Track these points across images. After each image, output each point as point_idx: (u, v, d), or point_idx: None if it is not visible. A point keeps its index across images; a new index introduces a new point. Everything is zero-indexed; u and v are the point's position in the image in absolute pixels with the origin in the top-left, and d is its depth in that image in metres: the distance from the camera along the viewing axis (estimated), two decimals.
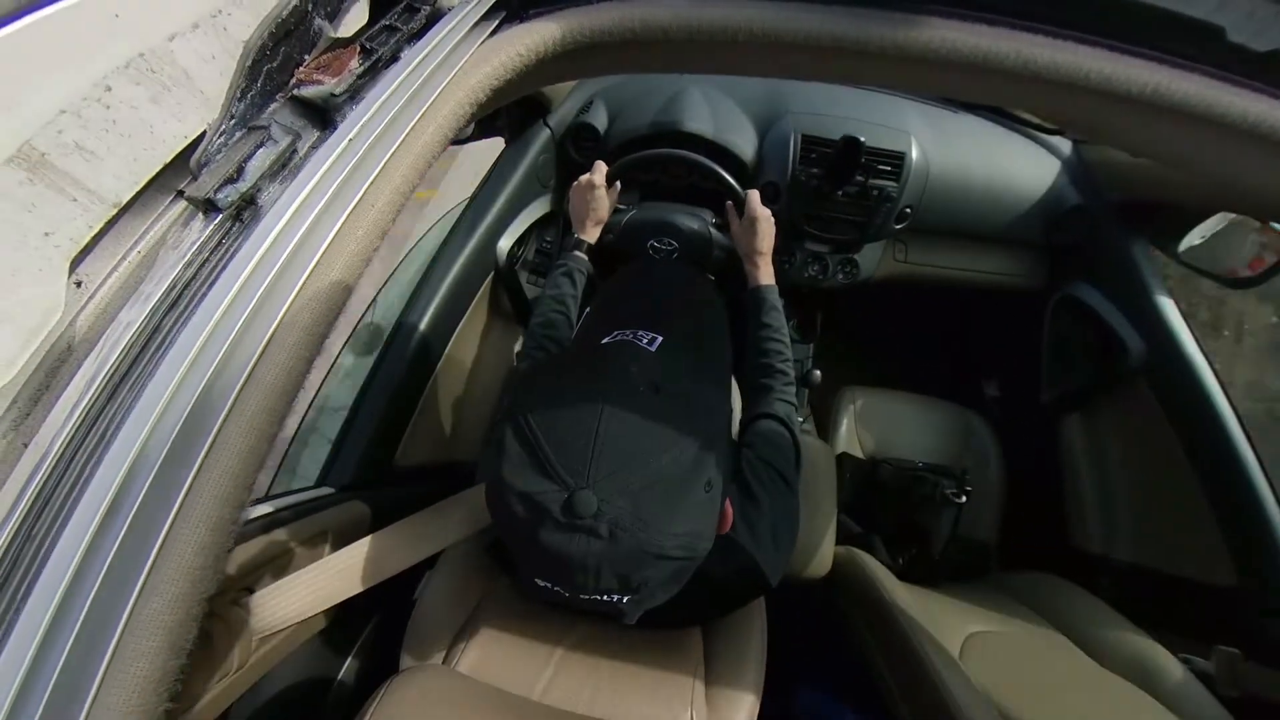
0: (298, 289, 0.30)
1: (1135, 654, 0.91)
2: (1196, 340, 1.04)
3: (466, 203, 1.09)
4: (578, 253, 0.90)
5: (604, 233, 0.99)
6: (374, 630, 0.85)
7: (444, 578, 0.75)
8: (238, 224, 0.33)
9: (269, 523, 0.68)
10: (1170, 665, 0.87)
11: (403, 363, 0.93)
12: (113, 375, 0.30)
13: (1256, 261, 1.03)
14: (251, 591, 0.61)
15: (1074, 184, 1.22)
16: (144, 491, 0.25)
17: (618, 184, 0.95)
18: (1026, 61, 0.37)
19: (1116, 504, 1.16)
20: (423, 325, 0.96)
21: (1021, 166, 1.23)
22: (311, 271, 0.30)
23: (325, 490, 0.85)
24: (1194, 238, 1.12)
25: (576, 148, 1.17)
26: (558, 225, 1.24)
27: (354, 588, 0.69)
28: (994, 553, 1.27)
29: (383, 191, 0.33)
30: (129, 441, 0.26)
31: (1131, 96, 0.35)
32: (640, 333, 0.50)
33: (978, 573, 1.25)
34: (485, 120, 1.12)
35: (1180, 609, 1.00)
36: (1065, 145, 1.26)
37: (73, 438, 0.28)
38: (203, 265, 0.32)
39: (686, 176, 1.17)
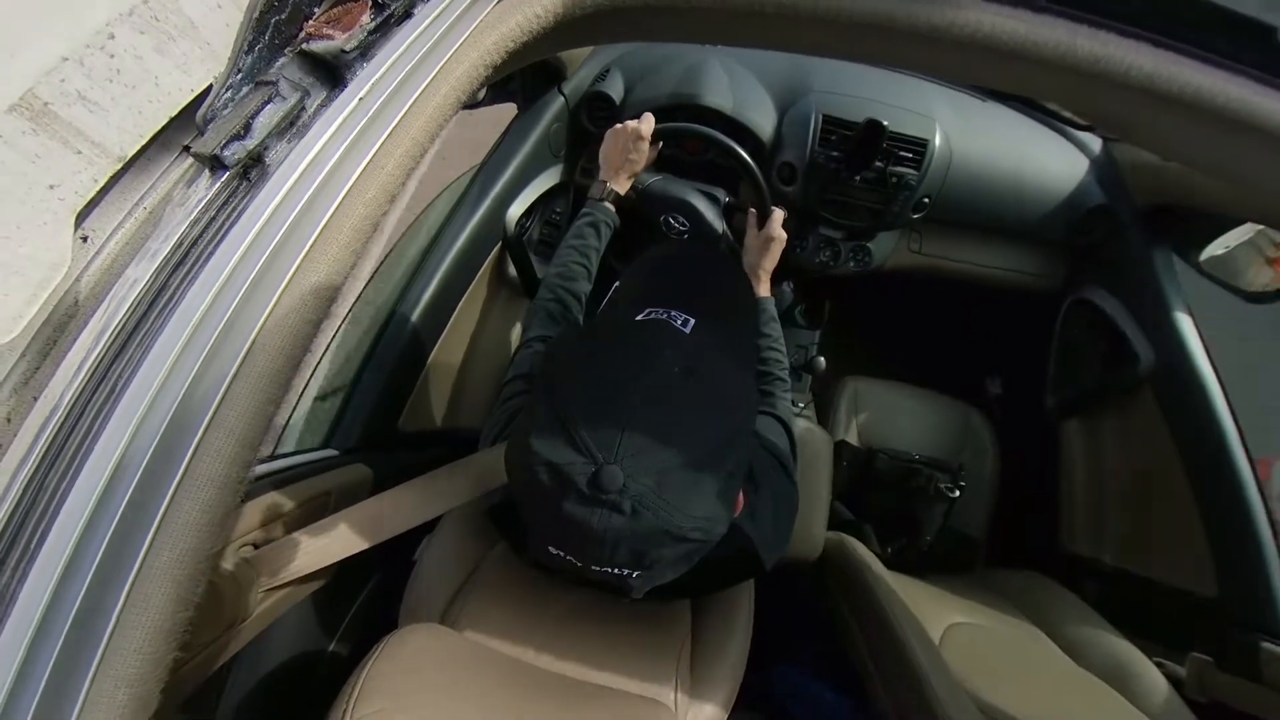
0: (305, 250, 0.30)
1: (1111, 654, 0.93)
2: (1209, 356, 1.03)
3: (475, 170, 1.07)
4: (607, 203, 0.86)
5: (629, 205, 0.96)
6: (373, 589, 0.87)
7: (443, 540, 0.77)
8: (245, 182, 0.32)
9: (274, 481, 0.70)
10: (1144, 667, 0.89)
11: (408, 329, 0.93)
12: (120, 332, 0.30)
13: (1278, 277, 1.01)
14: (256, 547, 0.63)
15: (1100, 184, 1.18)
16: (152, 448, 0.25)
17: (660, 144, 0.92)
18: (1066, 52, 0.36)
19: (1108, 509, 1.17)
20: (429, 292, 0.96)
21: (1048, 162, 1.19)
22: (320, 233, 0.30)
23: (330, 452, 0.86)
24: (1217, 247, 1.10)
25: (590, 117, 1.14)
26: (567, 197, 1.22)
27: (355, 546, 0.71)
28: (982, 548, 1.29)
29: (393, 154, 0.32)
30: (137, 398, 0.26)
31: (1171, 97, 0.34)
32: (674, 313, 0.50)
33: (964, 566, 1.28)
34: (498, 85, 1.09)
35: (1160, 615, 1.02)
36: (1095, 143, 1.22)
37: (81, 393, 0.28)
38: (210, 224, 0.31)
39: (704, 153, 1.14)
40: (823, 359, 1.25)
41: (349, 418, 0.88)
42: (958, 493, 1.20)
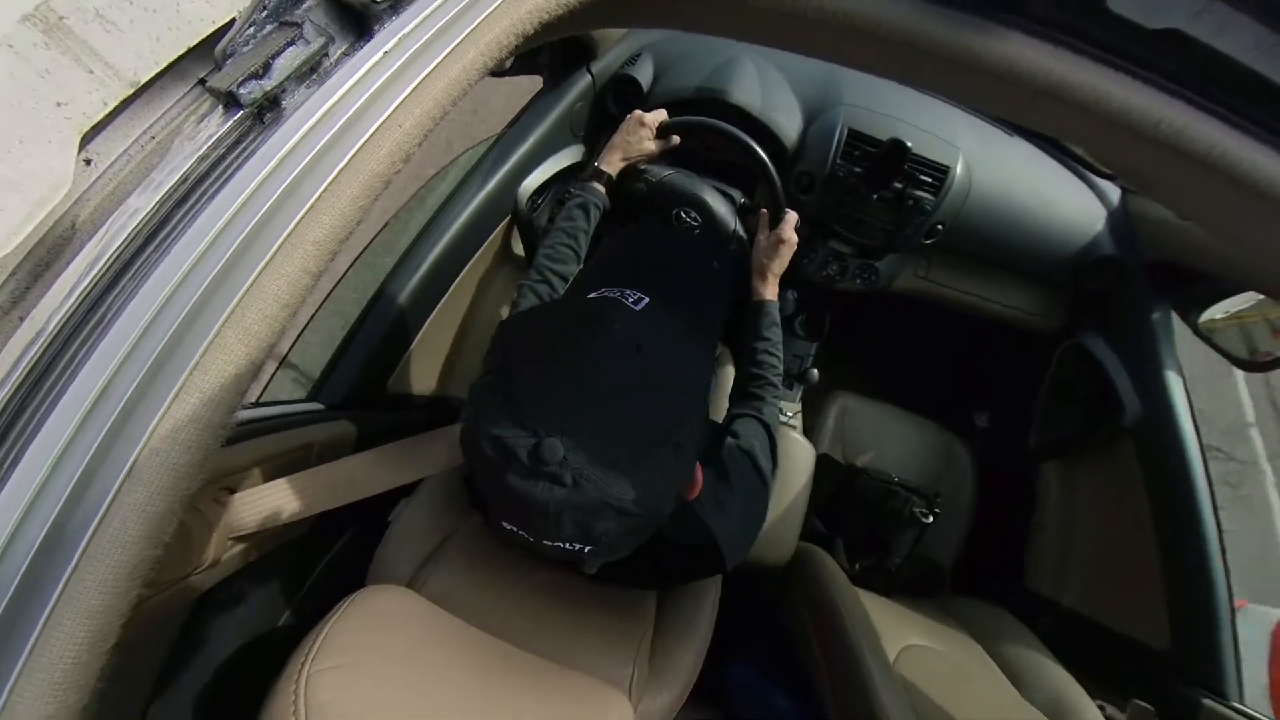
0: (313, 200, 0.29)
1: (1056, 691, 0.96)
2: (1193, 416, 1.04)
3: (492, 140, 1.05)
4: (596, 184, 0.87)
5: (637, 179, 0.97)
6: (345, 547, 0.87)
7: (419, 505, 0.77)
8: (258, 124, 0.32)
9: (256, 429, 0.69)
10: (1086, 707, 0.92)
11: (407, 291, 0.92)
12: (116, 261, 0.29)
13: (1264, 354, 1.03)
14: (231, 492, 0.63)
15: (1112, 233, 1.19)
16: (137, 380, 0.25)
17: (674, 139, 0.93)
18: (1100, 97, 0.35)
19: (1075, 553, 1.19)
20: (432, 257, 0.95)
21: (1065, 205, 1.19)
22: (329, 185, 0.29)
23: (315, 406, 0.85)
24: (1217, 311, 1.11)
25: (616, 101, 1.13)
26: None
27: (331, 501, 0.71)
28: (948, 575, 1.31)
29: (412, 112, 0.32)
30: (126, 330, 0.26)
31: (1198, 156, 0.34)
32: (628, 292, 0.50)
33: (928, 591, 1.30)
34: (526, 56, 1.07)
35: (1109, 660, 1.04)
36: (1114, 193, 1.22)
37: (69, 319, 0.28)
38: (218, 161, 0.31)
39: (724, 151, 1.13)
40: (816, 371, 1.25)
41: (338, 373, 0.88)
42: (931, 519, 1.22)
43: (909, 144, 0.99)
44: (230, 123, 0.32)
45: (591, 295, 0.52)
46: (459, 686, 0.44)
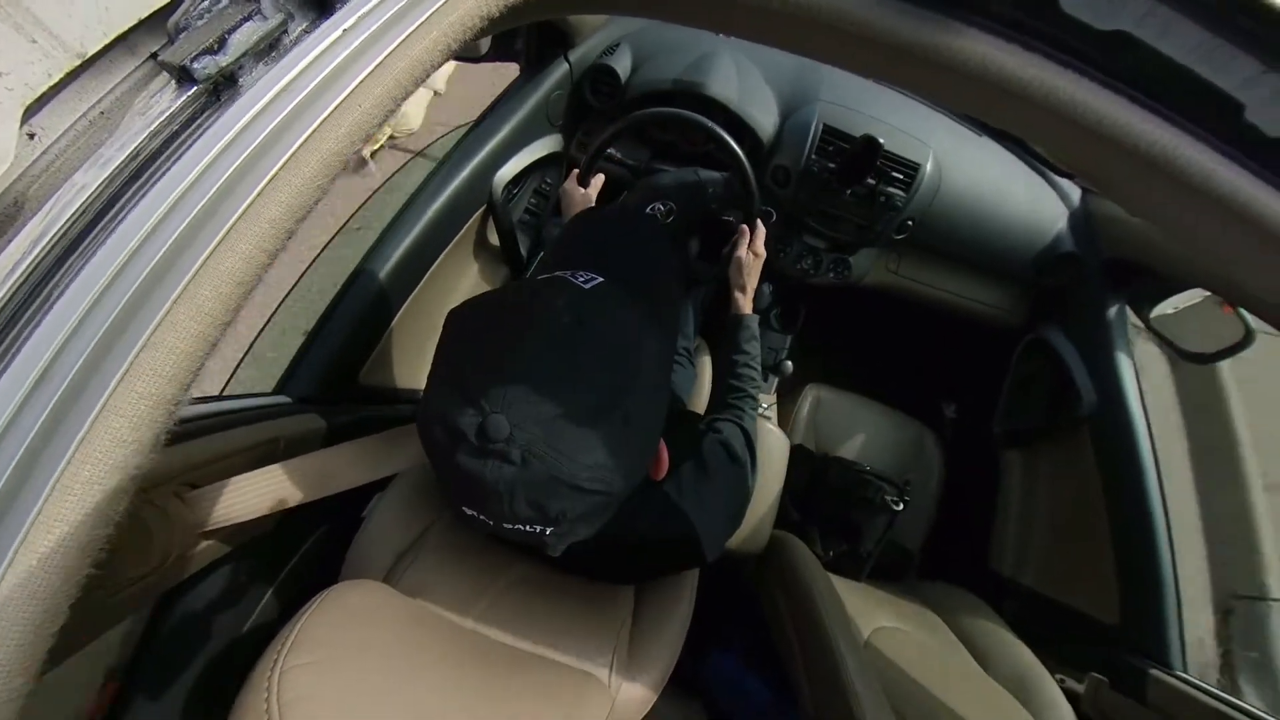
0: (268, 179, 0.28)
1: (1018, 667, 1.00)
2: (1143, 404, 1.10)
3: (468, 128, 1.04)
4: None
5: (623, 187, 1.02)
6: (317, 544, 0.86)
7: (394, 500, 0.76)
8: (213, 100, 0.31)
9: (219, 422, 0.67)
10: (1045, 682, 0.96)
11: (377, 282, 0.90)
12: (61, 238, 0.28)
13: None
14: (194, 487, 0.61)
15: (1073, 232, 1.24)
16: (84, 358, 0.24)
17: (599, 177, 0.98)
18: (1049, 93, 0.37)
19: (1033, 536, 1.24)
20: (403, 247, 0.93)
21: (1029, 204, 1.24)
22: (285, 164, 0.29)
23: (282, 399, 0.83)
24: (1167, 307, 1.17)
25: (594, 91, 1.12)
26: (560, 168, 1.20)
27: (301, 496, 0.69)
28: (916, 560, 1.36)
29: (371, 92, 0.31)
30: (71, 308, 0.25)
31: (1140, 152, 0.35)
32: (580, 273, 0.50)
33: (897, 576, 1.34)
34: (502, 42, 1.05)
35: (1068, 636, 1.09)
36: (1075, 193, 1.27)
37: (11, 297, 0.27)
38: (171, 138, 0.30)
39: (704, 144, 1.13)
40: (790, 363, 1.27)
41: (306, 366, 0.85)
42: (902, 506, 1.25)
43: (881, 141, 1.01)
44: (183, 98, 0.31)
45: (541, 277, 0.52)
46: (435, 680, 0.44)
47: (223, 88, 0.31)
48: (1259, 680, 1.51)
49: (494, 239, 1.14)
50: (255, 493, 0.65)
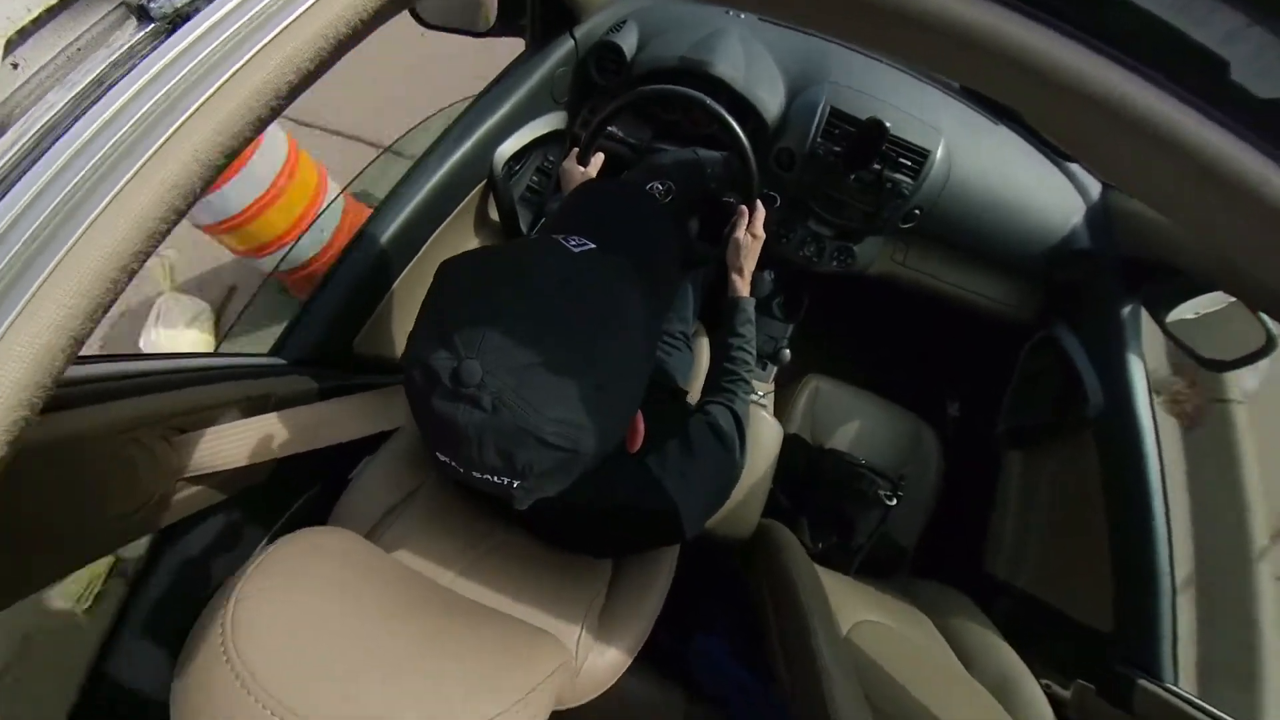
0: (204, 99, 0.30)
1: (1002, 669, 0.98)
2: (1152, 410, 1.06)
3: (470, 101, 1.03)
4: None
5: (624, 166, 1.02)
6: (307, 503, 0.87)
7: (383, 461, 0.77)
8: (168, 35, 0.31)
9: (210, 375, 0.69)
10: (1029, 685, 0.95)
11: (374, 251, 0.91)
12: (36, 141, 0.30)
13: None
14: (182, 432, 0.62)
15: (1090, 227, 1.19)
16: (38, 222, 0.27)
17: (599, 156, 0.99)
18: (999, 38, 0.35)
19: (1031, 539, 1.22)
20: (401, 218, 0.93)
21: (1045, 196, 1.19)
22: (217, 90, 0.30)
23: (276, 360, 0.85)
24: (1186, 311, 1.12)
25: (599, 69, 1.11)
26: (563, 146, 1.19)
27: (289, 448, 0.70)
28: (908, 557, 1.34)
29: (304, 30, 0.32)
30: (29, 185, 0.28)
31: (1111, 107, 0.33)
32: (573, 238, 0.50)
33: (890, 572, 1.32)
34: (508, 16, 1.05)
35: (1057, 641, 1.07)
36: (1095, 188, 1.22)
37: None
38: (125, 66, 0.31)
39: (708, 125, 1.12)
40: (789, 351, 1.26)
41: (300, 330, 0.87)
42: (895, 501, 1.24)
43: (888, 125, 0.98)
44: (141, 34, 0.32)
45: (534, 237, 0.53)
46: (392, 623, 0.44)
47: (177, 24, 0.31)
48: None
49: (494, 215, 1.14)
50: (241, 440, 0.66)
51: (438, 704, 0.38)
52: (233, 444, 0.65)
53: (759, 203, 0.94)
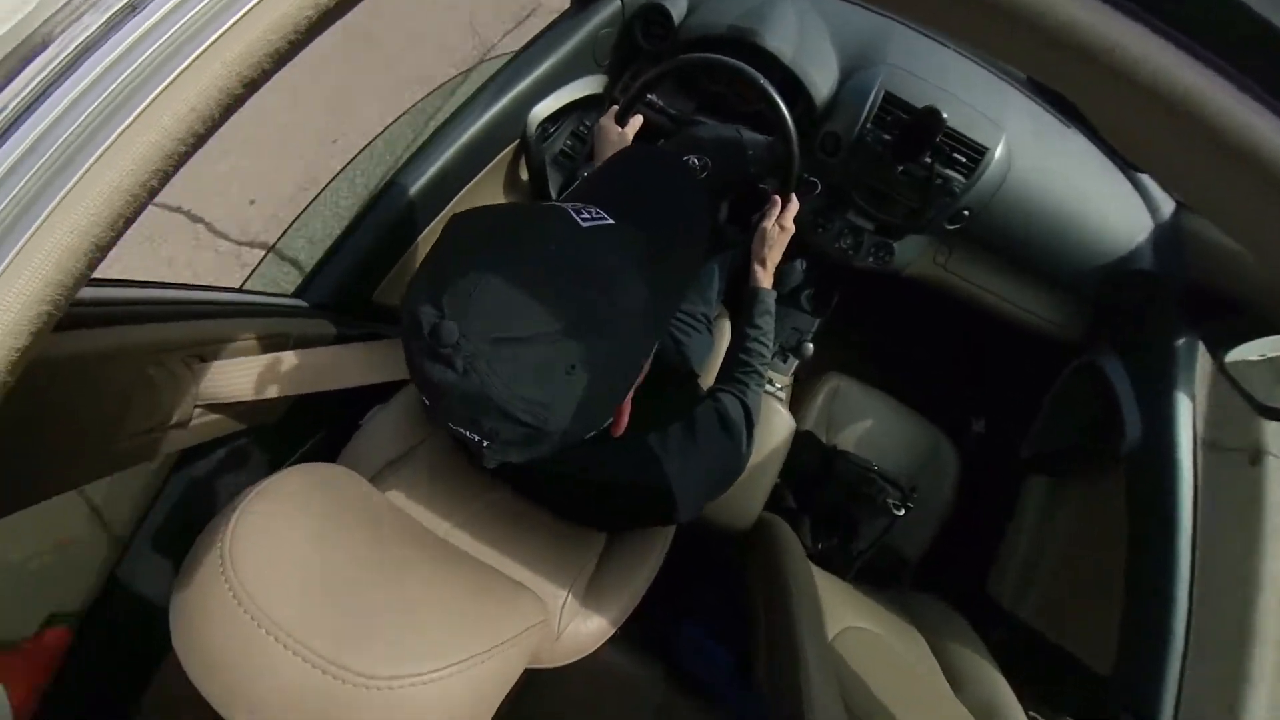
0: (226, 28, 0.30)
1: (991, 696, 0.96)
2: (1195, 453, 0.98)
3: (507, 59, 1.01)
4: None
5: (661, 135, 1.01)
6: (313, 446, 0.90)
7: (393, 411, 0.79)
8: None
9: (233, 309, 0.71)
10: (1015, 713, 0.92)
11: (400, 203, 0.91)
12: (72, 62, 0.31)
13: None
14: (203, 360, 0.65)
15: (1155, 247, 1.10)
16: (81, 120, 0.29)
17: (638, 119, 0.96)
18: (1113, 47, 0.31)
19: (1040, 570, 1.17)
20: (431, 172, 0.93)
21: (1110, 209, 1.10)
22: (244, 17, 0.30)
23: (298, 302, 0.86)
24: (1249, 351, 1.02)
25: (645, 32, 1.06)
26: (600, 111, 1.16)
27: (303, 386, 0.72)
28: (910, 570, 1.31)
29: None
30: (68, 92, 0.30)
31: (1175, 101, 0.29)
32: (589, 208, 0.48)
33: (889, 582, 1.30)
34: None
35: (1052, 676, 1.04)
36: (1168, 206, 1.12)
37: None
38: None
39: (755, 103, 1.06)
40: (811, 346, 1.22)
41: (325, 274, 0.88)
42: (903, 512, 1.20)
43: (945, 116, 0.92)
44: None
45: (546, 204, 0.51)
46: (373, 555, 0.45)
47: None
48: None
49: (525, 175, 1.12)
50: (260, 375, 0.68)
51: (415, 637, 0.39)
52: (248, 376, 0.67)
53: (794, 195, 0.90)
